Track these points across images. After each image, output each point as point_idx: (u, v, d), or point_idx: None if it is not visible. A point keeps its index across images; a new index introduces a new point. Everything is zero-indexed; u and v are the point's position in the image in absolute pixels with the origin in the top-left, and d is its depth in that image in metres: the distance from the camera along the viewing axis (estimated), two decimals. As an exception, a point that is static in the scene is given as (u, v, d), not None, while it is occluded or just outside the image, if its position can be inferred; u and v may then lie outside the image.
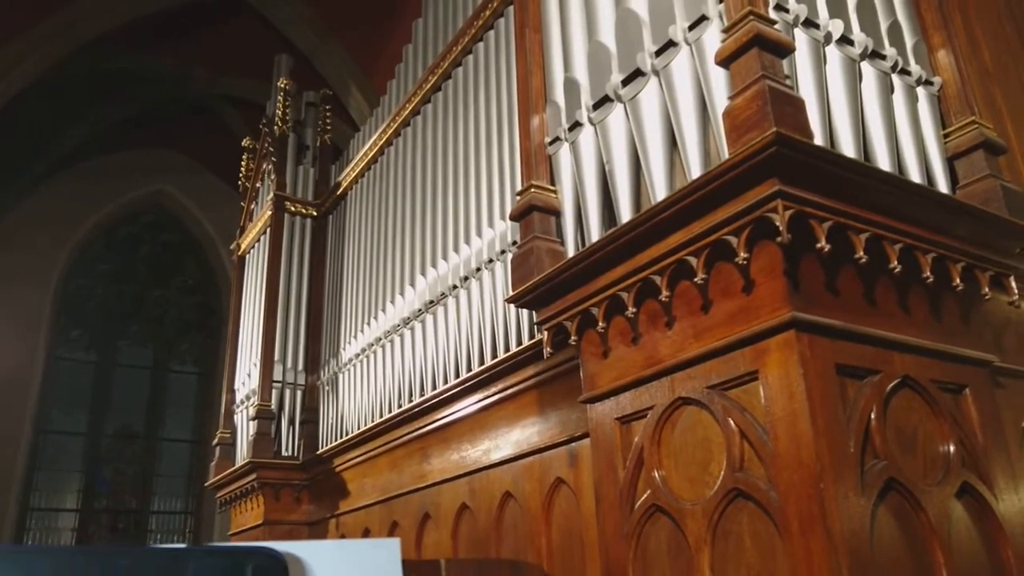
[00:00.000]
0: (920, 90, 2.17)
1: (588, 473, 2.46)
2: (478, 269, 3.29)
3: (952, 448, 1.80)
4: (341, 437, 4.36)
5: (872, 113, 2.00)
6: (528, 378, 2.87)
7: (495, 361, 3.00)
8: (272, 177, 5.57)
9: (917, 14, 2.32)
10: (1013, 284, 2.03)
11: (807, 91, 1.87)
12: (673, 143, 2.04)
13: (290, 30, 8.07)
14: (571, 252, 2.31)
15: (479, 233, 3.37)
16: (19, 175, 9.79)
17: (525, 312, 2.87)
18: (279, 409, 4.93)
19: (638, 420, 2.00)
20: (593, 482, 2.11)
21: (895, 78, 2.11)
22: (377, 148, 4.71)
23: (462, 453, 3.31)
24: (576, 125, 2.36)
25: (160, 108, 9.81)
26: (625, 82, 2.18)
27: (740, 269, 1.73)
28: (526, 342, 2.85)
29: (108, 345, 11.26)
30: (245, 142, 6.48)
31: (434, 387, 3.48)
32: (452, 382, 3.30)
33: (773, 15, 1.83)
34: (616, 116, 2.20)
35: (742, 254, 1.68)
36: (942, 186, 2.06)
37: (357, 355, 4.41)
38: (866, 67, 2.04)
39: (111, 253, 11.54)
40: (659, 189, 2.01)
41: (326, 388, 4.86)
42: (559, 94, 2.48)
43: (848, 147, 1.89)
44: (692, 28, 2.01)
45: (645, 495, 1.92)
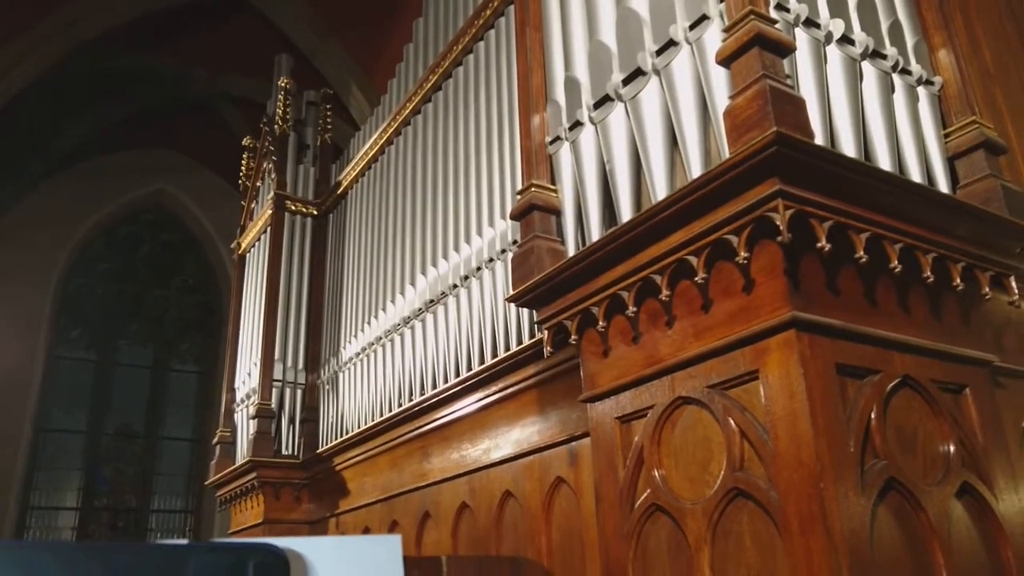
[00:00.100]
0: (921, 90, 2.17)
1: (588, 472, 2.46)
2: (478, 268, 3.29)
3: (952, 448, 1.80)
4: (341, 436, 4.36)
5: (873, 113, 2.00)
6: (528, 377, 2.87)
7: (495, 360, 3.00)
8: (272, 176, 5.57)
9: (918, 14, 2.32)
10: (1013, 284, 2.03)
11: (808, 91, 1.87)
12: (674, 142, 2.04)
13: (290, 29, 8.08)
14: (571, 251, 2.31)
15: (479, 232, 3.37)
16: (19, 175, 9.79)
17: (525, 311, 2.87)
18: (279, 408, 4.93)
19: (638, 419, 2.00)
20: (593, 481, 2.11)
21: (896, 78, 2.11)
22: (378, 147, 4.70)
23: (462, 452, 3.31)
24: (577, 124, 2.35)
25: (160, 107, 9.81)
26: (626, 81, 2.18)
27: (740, 268, 1.73)
28: (526, 341, 2.85)
29: (108, 344, 11.26)
30: (245, 141, 6.48)
31: (434, 386, 3.48)
32: (452, 381, 3.30)
33: (774, 14, 1.83)
34: (617, 115, 2.20)
35: (742, 253, 1.68)
36: (942, 186, 2.06)
37: (357, 354, 4.41)
38: (867, 67, 2.04)
39: (111, 252, 11.54)
40: (660, 188, 2.01)
41: (326, 387, 4.85)
42: (560, 93, 2.48)
43: (849, 147, 1.89)
44: (693, 27, 2.01)
45: (645, 494, 1.92)
